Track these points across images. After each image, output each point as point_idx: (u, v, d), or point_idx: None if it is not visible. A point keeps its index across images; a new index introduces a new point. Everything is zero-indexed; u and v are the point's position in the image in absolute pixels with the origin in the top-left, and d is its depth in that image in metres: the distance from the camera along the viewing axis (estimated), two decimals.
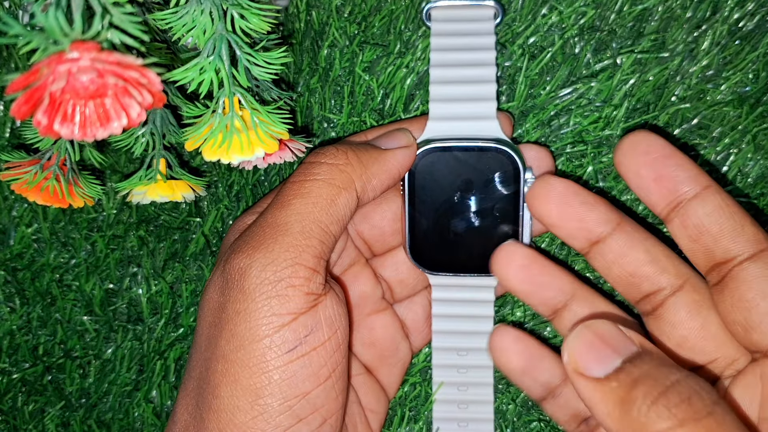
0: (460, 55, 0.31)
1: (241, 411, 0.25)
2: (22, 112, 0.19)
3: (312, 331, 0.25)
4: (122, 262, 0.37)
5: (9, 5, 0.32)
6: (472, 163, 0.30)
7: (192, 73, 0.25)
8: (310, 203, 0.26)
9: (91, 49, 0.19)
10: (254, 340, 0.25)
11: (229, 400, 0.25)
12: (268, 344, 0.25)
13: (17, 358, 0.37)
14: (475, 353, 0.32)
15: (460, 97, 0.31)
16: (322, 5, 0.35)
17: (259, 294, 0.25)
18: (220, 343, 0.26)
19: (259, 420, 0.25)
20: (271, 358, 0.25)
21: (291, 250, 0.25)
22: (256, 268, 0.25)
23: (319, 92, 0.35)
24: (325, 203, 0.27)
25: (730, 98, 0.33)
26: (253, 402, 0.25)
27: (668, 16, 0.33)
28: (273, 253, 0.25)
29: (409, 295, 0.33)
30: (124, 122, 0.20)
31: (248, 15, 0.26)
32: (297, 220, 0.26)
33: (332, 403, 0.26)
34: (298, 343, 0.25)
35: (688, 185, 0.26)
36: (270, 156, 0.30)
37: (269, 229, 0.26)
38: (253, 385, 0.25)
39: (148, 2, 0.27)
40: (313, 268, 0.26)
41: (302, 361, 0.25)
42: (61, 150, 0.30)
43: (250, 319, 0.25)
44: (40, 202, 0.30)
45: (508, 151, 0.30)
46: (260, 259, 0.25)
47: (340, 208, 0.27)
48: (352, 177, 0.27)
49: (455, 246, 0.31)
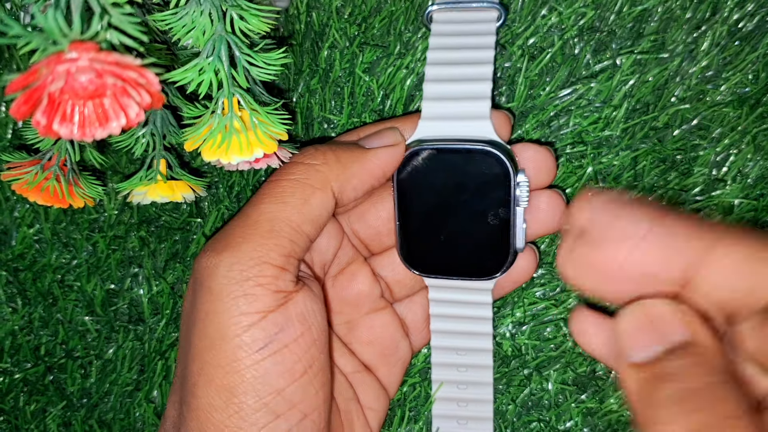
0: (456, 54, 0.30)
1: (217, 410, 0.25)
2: (22, 112, 0.19)
3: (282, 329, 0.25)
4: (123, 263, 0.37)
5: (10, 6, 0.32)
6: (461, 165, 0.29)
7: (191, 74, 0.26)
8: (281, 202, 0.26)
9: (90, 49, 0.19)
10: (224, 339, 0.25)
11: (205, 399, 0.25)
12: (238, 343, 0.25)
13: (19, 358, 0.37)
14: (474, 353, 0.32)
15: (453, 96, 0.30)
16: (322, 6, 0.35)
17: (227, 294, 0.25)
18: (193, 342, 0.26)
19: (235, 418, 0.25)
20: (242, 357, 0.25)
21: (258, 249, 0.25)
22: (223, 267, 0.25)
23: (319, 93, 0.35)
24: (297, 202, 0.26)
25: (730, 99, 0.33)
26: (227, 401, 0.25)
27: (668, 16, 0.33)
28: (240, 252, 0.25)
29: (408, 294, 0.33)
30: (123, 122, 0.20)
31: (247, 16, 0.26)
32: (266, 219, 0.26)
33: (311, 399, 0.26)
34: (269, 341, 0.25)
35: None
36: (258, 161, 0.30)
37: (239, 229, 0.26)
38: (226, 385, 0.25)
39: (147, 3, 0.27)
40: (281, 266, 0.26)
41: (274, 359, 0.25)
42: (61, 150, 0.31)
43: (219, 319, 0.25)
44: (41, 202, 0.30)
45: (497, 153, 0.29)
46: (227, 258, 0.25)
47: (313, 208, 0.27)
48: (329, 177, 0.27)
49: (446, 249, 0.31)
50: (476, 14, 0.31)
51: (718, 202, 0.33)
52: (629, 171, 0.33)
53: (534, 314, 0.34)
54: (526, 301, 0.34)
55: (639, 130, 0.33)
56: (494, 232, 0.30)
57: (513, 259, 0.30)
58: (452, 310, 0.32)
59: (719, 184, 0.33)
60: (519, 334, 0.34)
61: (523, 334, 0.34)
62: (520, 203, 0.29)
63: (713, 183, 0.33)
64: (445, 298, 0.32)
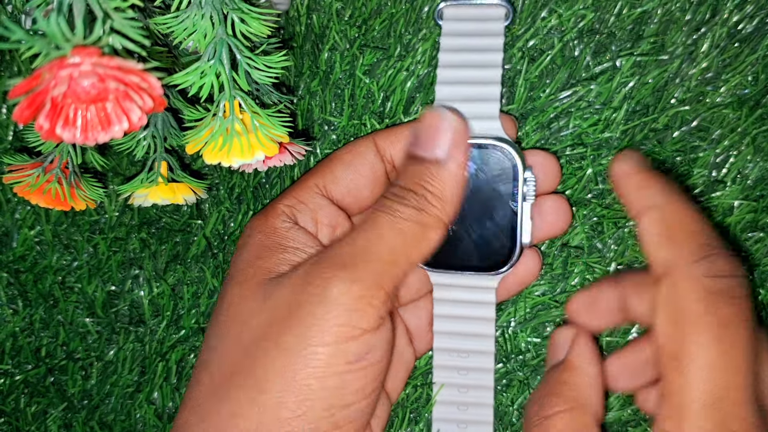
0: (467, 56, 0.31)
1: (287, 408, 0.26)
2: (24, 116, 0.19)
3: (371, 351, 0.27)
4: (124, 265, 0.37)
5: (12, 10, 0.32)
6: (472, 161, 0.30)
7: (193, 77, 0.26)
8: (402, 240, 0.27)
9: (93, 53, 0.19)
10: (321, 343, 0.26)
11: (278, 396, 0.26)
12: (334, 351, 0.26)
13: (20, 360, 0.37)
14: (476, 355, 0.32)
15: (463, 97, 0.31)
16: (323, 8, 0.35)
17: (341, 304, 0.26)
18: (282, 340, 0.26)
19: (301, 419, 0.26)
20: (332, 364, 0.26)
21: (378, 275, 0.27)
22: (343, 280, 0.26)
23: (319, 95, 0.35)
24: (416, 241, 0.28)
25: (730, 100, 0.33)
26: (301, 401, 0.26)
27: (667, 18, 0.33)
28: (361, 272, 0.26)
29: (413, 298, 0.33)
30: (125, 126, 0.21)
31: (248, 19, 0.26)
32: (388, 251, 0.27)
33: (364, 419, 0.28)
34: (359, 358, 0.26)
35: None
36: (270, 159, 0.30)
37: (360, 252, 0.27)
38: (307, 386, 0.26)
39: (149, 7, 0.27)
40: (390, 293, 0.27)
41: (356, 375, 0.26)
42: (63, 153, 0.31)
43: (323, 324, 0.26)
44: (42, 204, 0.30)
45: (507, 149, 0.30)
46: (349, 275, 0.26)
47: (431, 244, 0.28)
48: (439, 216, 0.28)
49: (454, 243, 0.31)
50: (485, 11, 0.32)
51: (718, 204, 0.33)
52: None
53: (533, 315, 0.34)
54: (529, 301, 0.34)
55: (639, 132, 0.33)
56: (502, 227, 0.31)
57: (520, 253, 0.31)
58: (456, 310, 0.32)
59: (719, 186, 0.33)
60: (520, 333, 0.34)
61: (524, 332, 0.34)
62: (528, 198, 0.30)
63: (713, 184, 0.33)
64: (450, 297, 0.32)
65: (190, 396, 0.28)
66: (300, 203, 0.31)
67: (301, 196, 0.31)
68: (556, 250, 0.34)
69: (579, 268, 0.34)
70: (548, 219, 0.32)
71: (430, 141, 0.29)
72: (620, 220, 0.33)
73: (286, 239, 0.30)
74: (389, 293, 0.27)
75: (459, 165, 0.29)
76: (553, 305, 0.34)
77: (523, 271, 0.32)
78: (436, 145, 0.29)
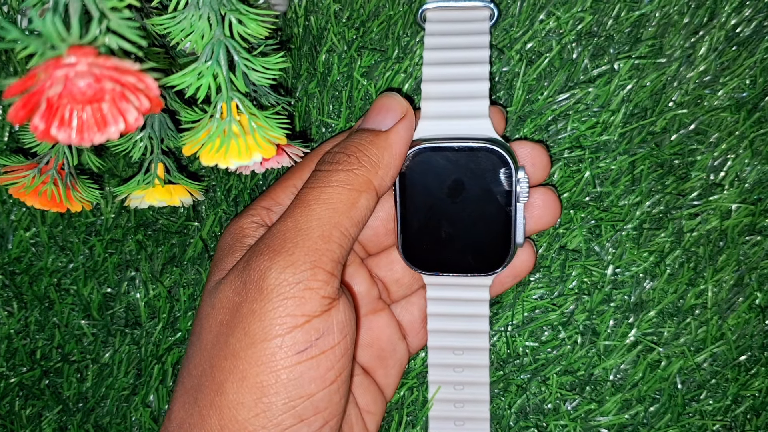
0: (452, 54, 0.31)
1: (245, 407, 0.25)
2: (20, 116, 0.19)
3: (323, 335, 0.26)
4: (120, 266, 0.37)
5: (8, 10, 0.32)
6: (463, 163, 0.30)
7: (190, 78, 0.25)
8: (331, 208, 0.27)
9: (89, 53, 0.19)
10: (266, 338, 0.25)
11: (234, 396, 0.25)
12: (279, 344, 0.25)
13: (15, 362, 0.37)
14: (471, 352, 0.32)
15: (452, 95, 0.30)
16: (321, 10, 0.35)
17: (276, 294, 0.25)
18: (230, 341, 0.26)
19: (261, 417, 0.25)
20: (280, 357, 0.25)
21: (311, 254, 0.26)
22: (275, 269, 0.26)
23: (317, 97, 0.35)
24: (345, 207, 0.27)
25: (728, 104, 0.33)
26: (257, 399, 0.25)
27: (665, 21, 0.33)
28: (293, 256, 0.26)
29: (405, 294, 0.33)
30: (122, 127, 0.20)
31: (246, 20, 0.26)
32: (318, 225, 0.27)
33: (335, 407, 0.27)
34: (309, 345, 0.26)
35: None
36: (267, 161, 0.30)
37: (290, 234, 0.27)
38: (260, 383, 0.25)
39: (146, 7, 0.27)
40: (331, 272, 0.26)
41: (310, 363, 0.26)
42: (59, 154, 0.30)
43: (264, 318, 0.25)
44: (38, 206, 0.30)
45: (499, 151, 0.29)
46: (281, 262, 0.26)
47: (360, 210, 0.27)
48: (368, 177, 0.28)
49: (448, 246, 0.31)
50: (469, 13, 0.32)
51: (716, 207, 0.33)
52: (627, 175, 0.33)
53: (532, 317, 0.34)
54: (526, 305, 0.34)
55: (637, 135, 0.33)
56: (495, 228, 0.30)
57: (513, 254, 0.31)
58: (450, 309, 0.32)
59: (717, 189, 0.33)
60: (517, 337, 0.34)
61: (522, 336, 0.34)
62: (521, 199, 0.30)
63: (711, 187, 0.33)
64: (444, 296, 0.32)
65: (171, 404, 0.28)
66: (277, 204, 0.31)
67: (278, 197, 0.31)
68: (554, 254, 0.34)
69: (577, 271, 0.34)
70: (537, 213, 0.31)
71: (377, 116, 0.29)
72: (618, 223, 0.33)
73: (252, 239, 0.29)
74: (330, 271, 0.26)
75: (400, 138, 0.29)
76: (551, 308, 0.34)
77: (518, 264, 0.32)
78: (382, 120, 0.29)
